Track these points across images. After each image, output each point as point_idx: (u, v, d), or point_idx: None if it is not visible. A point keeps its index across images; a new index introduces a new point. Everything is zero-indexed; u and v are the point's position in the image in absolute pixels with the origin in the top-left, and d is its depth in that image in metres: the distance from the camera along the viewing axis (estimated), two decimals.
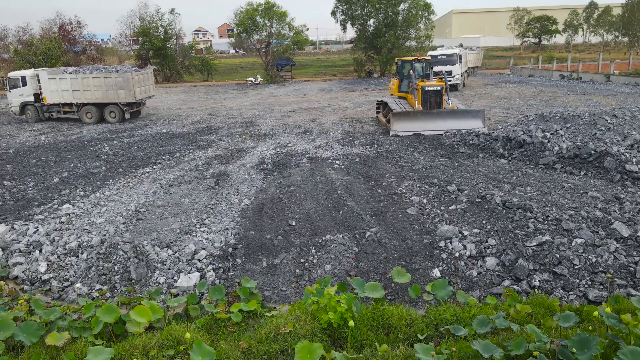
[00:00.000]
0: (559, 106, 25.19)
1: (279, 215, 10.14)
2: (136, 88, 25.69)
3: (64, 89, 26.09)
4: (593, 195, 10.54)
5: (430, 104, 19.69)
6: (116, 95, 25.63)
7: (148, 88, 27.57)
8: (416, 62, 21.55)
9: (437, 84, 19.95)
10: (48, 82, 26.21)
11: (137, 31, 57.51)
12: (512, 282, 7.65)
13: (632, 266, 7.67)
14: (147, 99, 28.11)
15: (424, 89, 19.72)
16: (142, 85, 26.50)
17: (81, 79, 25.84)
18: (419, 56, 22.63)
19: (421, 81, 20.45)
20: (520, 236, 8.74)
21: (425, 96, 19.71)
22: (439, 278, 7.83)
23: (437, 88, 19.76)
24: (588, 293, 7.24)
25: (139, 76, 26.29)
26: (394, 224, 9.45)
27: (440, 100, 19.73)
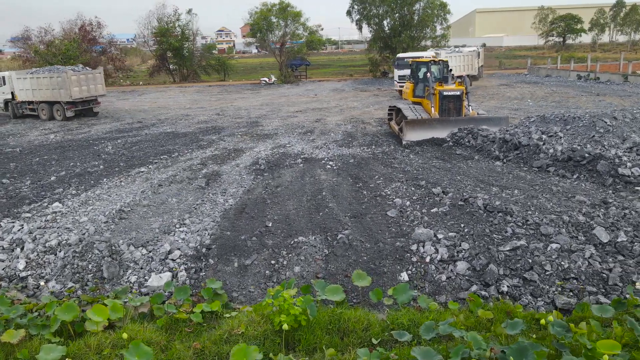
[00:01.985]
0: (570, 107, 24.71)
1: (259, 216, 10.17)
2: (73, 88, 27.34)
3: (27, 88, 28.64)
4: (580, 199, 10.31)
5: (449, 110, 18.00)
6: (59, 94, 27.57)
7: (94, 88, 28.93)
8: (433, 64, 19.53)
9: (457, 88, 18.26)
10: (17, 82, 29.10)
11: (155, 32, 58.21)
12: (481, 287, 7.53)
13: (606, 273, 7.48)
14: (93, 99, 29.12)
15: (441, 93, 18.01)
16: (83, 85, 27.99)
17: (36, 78, 28.32)
18: (436, 58, 21.21)
19: (439, 85, 18.57)
20: (497, 240, 8.60)
21: (444, 102, 18.01)
22: (406, 282, 7.77)
23: (456, 93, 18.04)
24: (556, 300, 7.08)
25: (79, 76, 27.84)
26: (370, 226, 9.40)
27: (460, 106, 18.05)
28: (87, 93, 28.25)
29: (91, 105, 28.92)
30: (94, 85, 28.72)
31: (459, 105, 18.09)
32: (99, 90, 29.21)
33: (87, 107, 28.74)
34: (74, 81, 27.38)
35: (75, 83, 27.39)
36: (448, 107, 18.06)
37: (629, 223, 9.06)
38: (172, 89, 50.68)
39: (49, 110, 28.48)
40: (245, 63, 77.36)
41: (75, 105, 27.80)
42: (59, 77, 27.28)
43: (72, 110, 27.77)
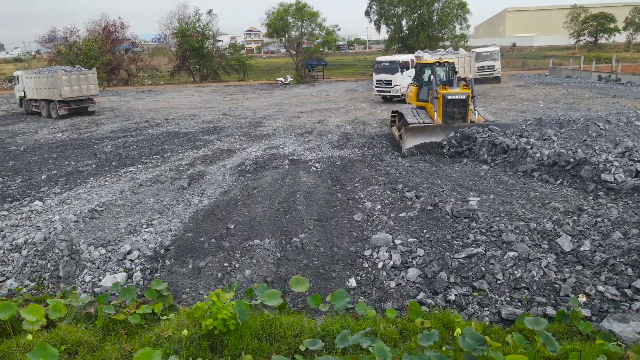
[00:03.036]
0: (580, 109, 24.05)
1: (225, 218, 10.17)
2: (64, 87, 28.41)
3: (32, 87, 30.40)
4: (554, 205, 10.01)
5: (454, 115, 16.82)
6: (53, 93, 28.83)
7: (86, 88, 29.73)
8: (437, 66, 18.34)
9: (462, 92, 16.94)
10: (25, 81, 31.09)
11: (176, 32, 59.02)
12: (429, 295, 7.37)
13: (559, 283, 7.23)
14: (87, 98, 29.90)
15: (445, 97, 16.72)
16: (74, 85, 28.90)
17: (37, 78, 29.75)
18: (441, 59, 19.60)
19: (442, 88, 17.19)
20: (456, 247, 8.40)
21: (448, 106, 16.76)
22: (354, 287, 7.67)
23: (461, 97, 16.76)
24: (501, 310, 6.88)
25: (69, 76, 28.80)
26: (332, 230, 9.30)
27: (465, 111, 16.80)
28: (78, 93, 29.15)
29: (85, 104, 29.89)
30: (86, 86, 29.61)
31: (465, 110, 16.86)
32: (91, 90, 30.04)
33: (82, 106, 29.73)
34: (65, 81, 28.42)
35: (65, 83, 28.43)
36: (452, 112, 16.88)
37: (598, 232, 8.76)
38: (189, 88, 51.29)
39: (47, 108, 29.90)
40: (270, 63, 77.73)
41: (67, 104, 28.89)
42: (52, 77, 28.47)
43: (65, 108, 28.86)
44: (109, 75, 57.30)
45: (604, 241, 8.34)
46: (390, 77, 31.55)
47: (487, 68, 40.21)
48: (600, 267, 7.58)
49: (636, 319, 6.38)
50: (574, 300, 6.49)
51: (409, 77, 30.51)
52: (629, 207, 9.97)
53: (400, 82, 31.29)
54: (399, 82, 31.32)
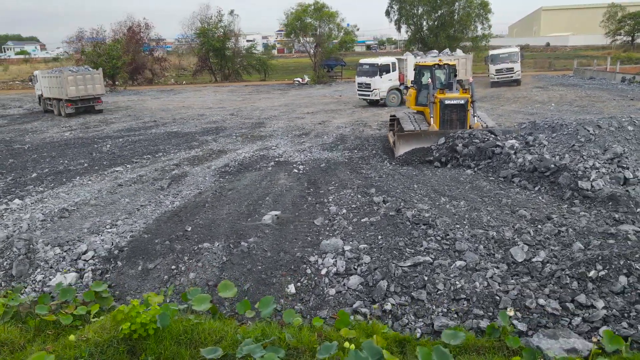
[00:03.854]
0: (591, 112, 23.29)
1: (187, 220, 10.20)
2: (70, 87, 29.24)
3: (47, 86, 31.69)
4: (522, 213, 9.69)
5: (452, 121, 15.89)
6: (61, 92, 29.95)
7: (92, 88, 30.57)
8: (437, 68, 17.42)
9: (461, 96, 16.01)
10: (41, 80, 32.45)
11: (197, 32, 59.74)
12: (367, 304, 7.22)
13: (500, 295, 6.98)
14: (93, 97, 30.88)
15: (442, 102, 15.82)
16: (80, 85, 29.78)
17: (49, 78, 30.96)
18: (441, 61, 18.55)
19: (440, 92, 16.27)
20: (407, 254, 8.21)
21: (445, 111, 15.90)
22: (293, 294, 7.57)
23: (460, 102, 15.83)
24: (435, 321, 6.69)
25: (75, 76, 29.71)
26: (287, 235, 9.22)
27: (464, 117, 15.88)
28: (84, 92, 30.09)
29: (92, 103, 30.87)
30: (92, 85, 30.51)
31: (463, 116, 15.91)
32: (97, 90, 30.96)
33: (89, 105, 30.71)
34: (71, 81, 29.39)
35: (71, 83, 29.40)
36: (450, 118, 15.94)
37: (559, 242, 8.45)
38: (208, 88, 51.87)
39: (58, 107, 31.13)
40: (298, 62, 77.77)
41: (74, 103, 29.83)
42: (59, 77, 29.52)
43: (72, 107, 29.86)
44: (131, 74, 58.41)
45: (562, 252, 8.02)
46: (369, 81, 30.47)
47: (506, 70, 38.33)
48: (547, 280, 7.29)
49: (566, 335, 6.12)
50: (503, 314, 6.25)
51: (390, 80, 30.45)
52: (601, 216, 9.58)
53: (378, 85, 30.31)
54: (378, 85, 30.30)
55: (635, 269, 7.12)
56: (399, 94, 30.61)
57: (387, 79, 30.43)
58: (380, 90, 30.30)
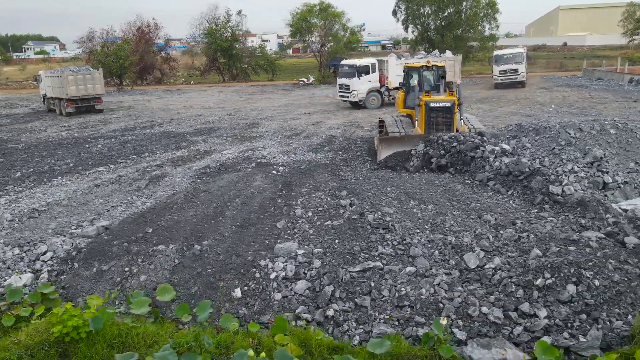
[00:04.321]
0: (589, 114, 22.89)
1: (152, 221, 10.20)
2: (70, 87, 29.67)
3: (49, 85, 32.28)
4: (487, 218, 9.53)
5: (437, 124, 15.28)
6: (62, 92, 30.43)
7: (92, 87, 30.94)
8: (425, 70, 16.84)
9: (447, 99, 15.37)
10: (45, 80, 33.19)
11: (205, 33, 60.04)
12: (311, 310, 7.13)
13: (444, 303, 6.86)
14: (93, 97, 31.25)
15: (428, 105, 15.21)
16: (80, 85, 30.18)
17: (51, 77, 31.50)
18: (430, 62, 17.69)
19: (425, 95, 15.66)
20: (361, 259, 8.11)
21: (431, 114, 15.29)
22: (238, 298, 7.51)
23: (446, 104, 15.20)
24: (374, 329, 6.59)
25: (76, 76, 30.18)
26: (245, 238, 9.17)
27: (450, 120, 15.27)
28: (84, 92, 30.47)
29: (92, 103, 31.22)
30: (92, 85, 30.86)
31: (450, 119, 15.28)
32: (97, 90, 31.32)
33: (89, 104, 31.06)
34: (71, 81, 29.81)
35: (72, 82, 29.80)
36: (436, 122, 15.34)
37: (517, 248, 8.28)
38: (214, 88, 52.09)
39: (59, 106, 31.57)
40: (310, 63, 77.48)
41: (74, 102, 30.22)
42: (60, 77, 29.97)
43: (72, 107, 30.26)
44: (139, 74, 58.88)
45: (517, 259, 7.85)
46: (348, 82, 30.03)
47: (510, 72, 37.08)
48: (495, 287, 7.14)
49: (500, 345, 5.99)
50: (436, 323, 6.13)
51: (369, 82, 30.00)
52: (567, 222, 9.38)
53: (357, 87, 29.80)
54: (356, 87, 29.80)
55: (585, 277, 6.95)
56: (379, 96, 30.20)
57: (367, 80, 29.89)
58: (359, 92, 29.81)
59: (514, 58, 37.35)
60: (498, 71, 37.43)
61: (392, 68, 29.77)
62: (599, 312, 6.49)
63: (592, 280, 6.92)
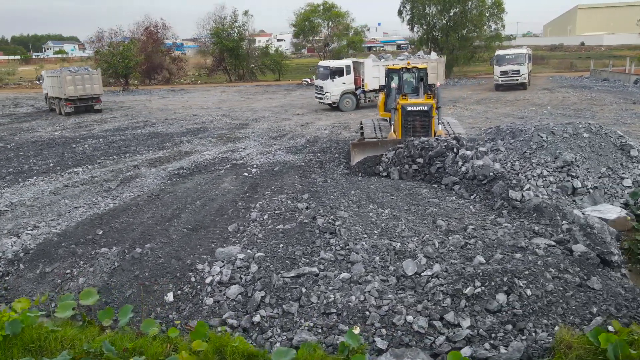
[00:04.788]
0: (583, 116, 22.53)
1: (106, 223, 10.22)
2: (68, 87, 30.08)
3: (50, 85, 32.73)
4: (439, 224, 9.37)
5: (415, 129, 14.80)
6: (60, 92, 30.88)
7: (90, 87, 31.30)
8: (405, 72, 16.44)
9: (424, 102, 14.91)
10: (46, 80, 33.72)
11: (212, 33, 60.32)
12: (239, 315, 7.07)
13: (370, 310, 6.74)
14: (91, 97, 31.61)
15: (404, 109, 14.74)
16: (78, 85, 30.54)
17: (52, 77, 31.98)
18: (410, 64, 17.12)
19: (402, 98, 15.21)
20: (300, 264, 8.02)
21: (408, 118, 14.82)
22: (170, 302, 7.48)
23: (423, 108, 14.76)
24: (295, 336, 6.50)
25: (74, 76, 30.62)
26: (192, 241, 9.14)
27: (428, 124, 14.81)
28: (82, 92, 30.85)
29: (91, 102, 31.58)
30: (90, 85, 31.22)
31: (427, 123, 14.79)
32: (95, 90, 31.67)
33: (88, 104, 31.42)
34: (69, 81, 30.21)
35: (70, 82, 30.19)
36: (413, 126, 14.82)
37: (461, 255, 8.12)
38: (218, 88, 52.30)
39: (59, 106, 32.03)
40: None
41: (73, 102, 30.61)
42: (59, 77, 30.40)
43: (71, 106, 30.66)
44: (146, 74, 59.36)
45: (457, 266, 7.70)
46: (322, 84, 29.77)
47: (511, 72, 35.81)
48: (425, 295, 7.01)
49: (413, 355, 5.86)
50: (349, 332, 6.02)
51: (343, 84, 29.53)
52: (521, 228, 9.19)
53: (330, 89, 29.37)
54: (330, 89, 29.38)
55: (518, 286, 6.80)
56: (353, 98, 29.77)
57: (340, 82, 29.45)
58: (332, 94, 29.42)
59: (516, 58, 36.34)
60: (499, 72, 36.43)
61: (368, 70, 29.38)
62: (525, 323, 6.34)
63: (525, 289, 6.76)
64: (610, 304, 6.85)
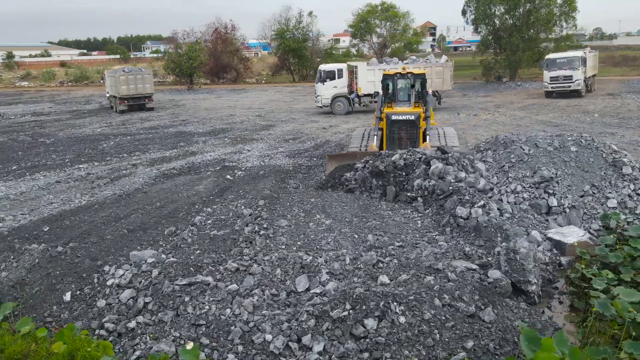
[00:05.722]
0: (626, 126, 20.64)
1: (62, 219, 10.74)
2: (122, 86, 31.80)
3: (109, 84, 34.31)
4: (368, 238, 9.03)
5: (401, 140, 14.00)
6: (116, 91, 32.78)
7: (142, 87, 32.86)
8: (399, 78, 15.11)
9: (411, 112, 14.01)
10: (107, 79, 35.52)
11: (275, 33, 61.50)
12: (119, 319, 7.18)
13: (238, 325, 6.61)
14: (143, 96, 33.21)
15: (389, 118, 13.99)
16: (130, 84, 32.17)
17: (111, 77, 33.92)
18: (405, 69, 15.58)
19: (388, 107, 14.54)
20: (205, 272, 8.02)
21: (393, 129, 14.02)
22: (67, 302, 7.73)
23: (409, 117, 13.87)
24: (154, 346, 6.51)
25: (127, 76, 32.25)
26: (123, 242, 9.39)
27: (415, 134, 13.94)
28: (134, 91, 32.57)
29: (143, 101, 33.23)
30: (142, 85, 32.85)
31: (414, 134, 13.92)
32: (147, 89, 33.33)
33: (140, 102, 33.17)
34: (122, 80, 31.95)
35: (123, 82, 31.90)
36: (399, 136, 14.03)
37: (368, 273, 7.78)
38: (276, 88, 53.24)
39: (115, 104, 33.89)
40: None
41: (127, 100, 32.34)
42: (114, 77, 32.31)
43: (125, 104, 32.42)
44: (214, 74, 61.66)
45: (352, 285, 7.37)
46: (315, 87, 29.92)
47: (562, 79, 32.14)
48: (298, 314, 6.76)
49: None
50: (183, 350, 5.92)
51: (334, 87, 29.05)
52: (454, 248, 8.63)
53: (321, 92, 29.25)
54: (320, 92, 29.28)
55: (394, 312, 6.41)
56: (346, 102, 29.23)
57: (332, 86, 29.15)
58: (323, 97, 29.25)
59: (568, 63, 32.40)
60: (549, 78, 32.90)
61: (361, 74, 29.00)
62: (382, 353, 5.96)
63: (399, 316, 6.35)
64: (494, 338, 6.29)
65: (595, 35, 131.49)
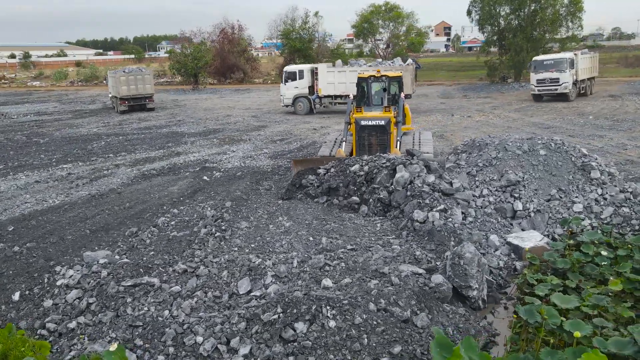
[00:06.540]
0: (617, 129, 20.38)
1: (30, 219, 10.91)
2: (122, 87, 31.94)
3: (111, 85, 34.77)
4: (322, 241, 9.05)
5: (370, 145, 13.68)
6: (116, 91, 33.13)
7: (143, 87, 33.01)
8: (373, 81, 14.66)
9: (381, 116, 13.60)
10: (109, 79, 35.94)
11: (281, 34, 61.64)
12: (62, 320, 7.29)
13: (172, 327, 6.67)
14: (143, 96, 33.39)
15: (358, 123, 13.61)
16: (131, 85, 32.34)
17: (112, 78, 34.12)
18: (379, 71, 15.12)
19: (357, 111, 14.03)
20: (155, 274, 8.10)
21: (362, 134, 13.68)
22: (16, 301, 7.86)
23: (379, 122, 13.49)
24: (88, 347, 6.61)
25: (127, 77, 32.38)
26: (81, 242, 9.51)
27: (386, 140, 13.58)
28: (135, 92, 32.80)
29: (143, 102, 33.49)
30: (143, 85, 33.08)
31: (385, 140, 13.56)
32: (147, 90, 33.57)
33: (141, 103, 33.42)
34: (122, 81, 32.17)
35: (123, 83, 32.14)
36: (369, 142, 13.68)
37: (313, 276, 7.80)
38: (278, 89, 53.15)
39: (116, 104, 34.10)
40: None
41: (127, 101, 32.60)
42: (114, 77, 32.58)
43: (125, 105, 32.67)
44: (221, 74, 61.96)
45: (294, 288, 7.40)
46: (280, 87, 30.85)
47: (549, 81, 30.81)
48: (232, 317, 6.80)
49: None
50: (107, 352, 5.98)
51: (295, 88, 29.96)
52: (406, 252, 8.62)
53: (283, 92, 30.54)
54: (283, 92, 30.55)
55: (325, 316, 6.43)
56: (307, 103, 30.06)
57: (293, 86, 30.24)
58: (285, 97, 30.47)
59: (555, 65, 31.04)
60: (535, 80, 31.56)
61: (322, 76, 29.62)
62: (307, 356, 5.99)
63: (330, 320, 6.37)
64: (423, 344, 6.28)
65: (614, 35, 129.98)
